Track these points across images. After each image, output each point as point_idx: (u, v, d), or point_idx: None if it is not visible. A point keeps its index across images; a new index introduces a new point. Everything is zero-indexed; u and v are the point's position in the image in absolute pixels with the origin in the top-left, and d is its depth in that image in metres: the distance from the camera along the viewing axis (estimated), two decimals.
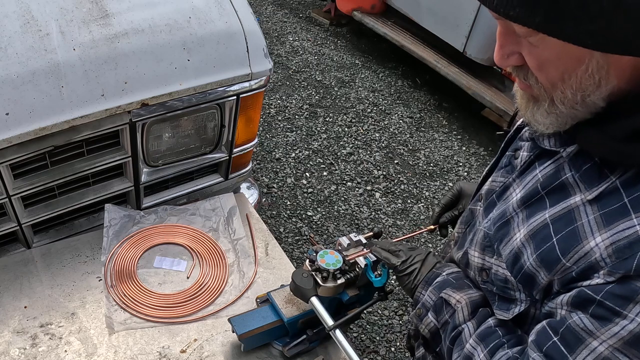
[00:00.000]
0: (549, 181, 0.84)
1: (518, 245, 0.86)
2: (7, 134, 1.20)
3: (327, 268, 1.19)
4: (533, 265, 0.82)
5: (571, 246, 0.77)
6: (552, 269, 0.79)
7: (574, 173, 0.80)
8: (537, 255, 0.82)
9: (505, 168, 0.97)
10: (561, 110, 0.77)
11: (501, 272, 0.90)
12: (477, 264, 0.97)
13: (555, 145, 0.83)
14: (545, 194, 0.84)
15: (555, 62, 0.72)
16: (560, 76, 0.74)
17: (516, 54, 0.77)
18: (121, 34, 1.32)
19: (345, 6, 4.86)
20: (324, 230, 3.08)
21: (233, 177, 1.80)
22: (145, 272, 1.45)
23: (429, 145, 3.88)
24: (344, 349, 1.11)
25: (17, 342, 1.24)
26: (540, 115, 0.80)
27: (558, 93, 0.75)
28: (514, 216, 0.88)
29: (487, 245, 0.94)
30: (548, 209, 0.82)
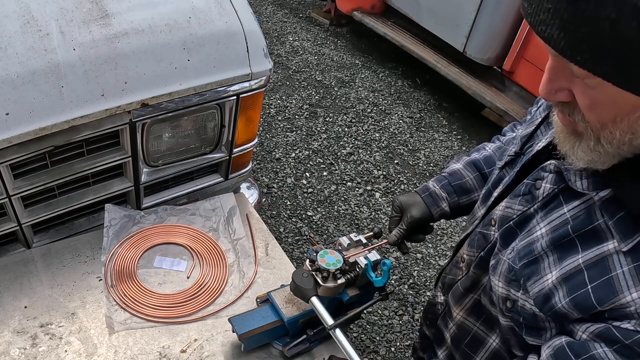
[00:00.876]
0: (581, 225, 0.82)
1: (549, 287, 0.85)
2: (7, 134, 1.20)
3: (328, 268, 1.19)
4: (565, 307, 0.82)
5: (607, 297, 0.76)
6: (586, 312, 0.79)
7: (607, 220, 0.79)
8: (571, 299, 0.81)
9: (524, 196, 0.95)
10: (606, 150, 0.75)
11: (528, 307, 0.89)
12: (501, 293, 0.95)
13: (588, 188, 0.82)
14: (576, 237, 0.83)
15: (610, 105, 0.70)
16: (612, 118, 0.71)
17: (566, 90, 0.75)
18: (121, 34, 1.32)
19: (345, 6, 4.86)
20: (324, 230, 3.08)
21: (233, 177, 1.80)
22: (146, 272, 1.45)
23: (429, 145, 3.88)
24: (344, 348, 1.11)
25: (17, 342, 1.24)
26: (582, 152, 0.78)
27: (606, 133, 0.73)
28: (542, 255, 0.87)
29: (513, 279, 0.92)
30: (580, 254, 0.81)
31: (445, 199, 1.29)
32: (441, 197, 1.29)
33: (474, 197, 1.30)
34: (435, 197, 1.29)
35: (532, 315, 0.89)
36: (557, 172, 0.89)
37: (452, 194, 1.29)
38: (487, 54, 3.86)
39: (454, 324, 1.15)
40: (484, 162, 1.31)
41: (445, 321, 1.19)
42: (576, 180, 0.83)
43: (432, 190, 1.30)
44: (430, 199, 1.29)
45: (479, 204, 1.16)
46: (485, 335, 1.07)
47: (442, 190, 1.29)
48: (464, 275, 1.11)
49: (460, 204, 1.30)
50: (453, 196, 1.29)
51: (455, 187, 1.29)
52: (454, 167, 1.33)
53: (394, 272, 2.91)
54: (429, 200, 1.28)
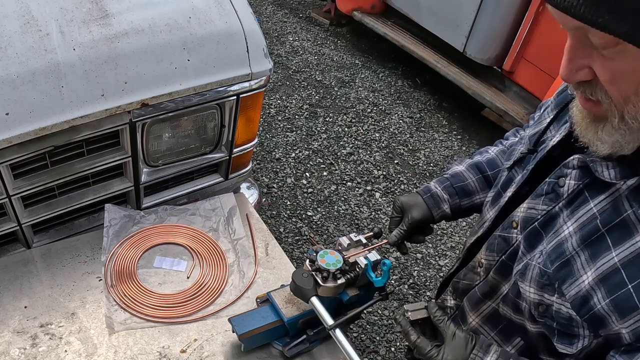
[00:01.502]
0: (609, 218, 0.82)
1: (587, 289, 0.83)
2: (7, 134, 1.19)
3: (327, 268, 1.19)
4: (605, 309, 0.81)
5: None
6: (627, 315, 0.78)
7: (636, 209, 0.78)
8: (611, 300, 0.80)
9: (547, 195, 0.93)
10: (631, 126, 0.75)
11: (564, 310, 0.88)
12: (533, 299, 0.93)
13: (616, 177, 0.81)
14: (606, 231, 0.82)
15: (631, 75, 0.71)
16: (634, 90, 0.72)
17: (586, 68, 0.75)
18: (121, 34, 1.32)
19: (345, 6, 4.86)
20: (324, 230, 3.08)
21: (233, 177, 1.80)
22: (145, 272, 1.45)
23: (429, 145, 3.88)
24: (344, 348, 1.11)
25: (17, 342, 1.24)
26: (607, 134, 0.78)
27: (630, 107, 0.73)
28: (574, 256, 0.86)
29: (547, 284, 0.90)
30: (613, 250, 0.81)
31: (446, 200, 1.28)
32: (443, 199, 1.28)
33: (475, 200, 1.29)
34: (436, 199, 1.28)
35: (567, 320, 0.87)
36: (580, 167, 0.88)
37: (453, 195, 1.28)
38: (487, 54, 3.86)
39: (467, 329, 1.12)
40: (487, 164, 1.30)
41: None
42: (603, 170, 0.82)
43: (434, 191, 1.29)
44: (432, 200, 1.28)
45: (488, 207, 1.14)
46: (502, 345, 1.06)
47: (443, 192, 1.29)
48: (481, 281, 1.09)
49: (461, 206, 1.30)
50: (455, 198, 1.29)
51: (457, 188, 1.29)
52: (456, 169, 1.32)
53: (394, 272, 2.91)
54: (430, 202, 1.28)
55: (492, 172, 1.29)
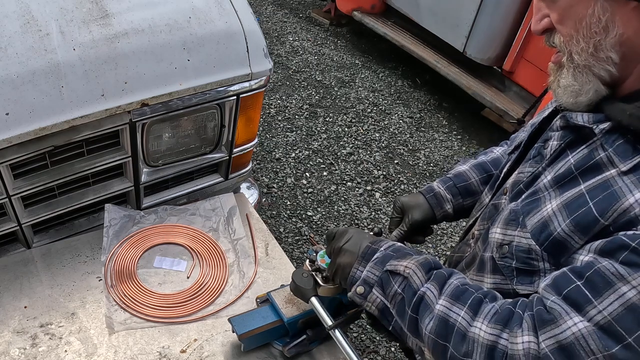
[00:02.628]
0: (583, 162, 0.85)
1: (548, 214, 0.86)
2: (7, 134, 1.19)
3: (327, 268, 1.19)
4: (565, 231, 0.83)
5: (609, 205, 0.78)
6: (589, 231, 0.80)
7: (608, 149, 0.82)
8: (571, 220, 0.82)
9: (534, 159, 0.97)
10: (577, 63, 0.82)
11: (524, 242, 0.89)
12: (496, 239, 0.95)
13: (589, 121, 0.85)
14: (578, 174, 0.85)
15: (569, 11, 0.80)
16: (574, 25, 0.80)
17: (546, 17, 0.85)
18: (121, 34, 1.32)
19: (345, 6, 4.86)
20: (324, 230, 3.08)
21: (233, 177, 1.80)
22: (145, 272, 1.45)
23: (429, 145, 3.88)
24: (344, 348, 1.11)
25: (17, 342, 1.24)
26: (563, 78, 0.85)
27: (574, 44, 0.81)
28: (545, 194, 0.89)
29: (512, 219, 0.93)
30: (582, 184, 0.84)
31: (449, 200, 1.28)
32: (445, 199, 1.28)
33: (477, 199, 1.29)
34: (439, 199, 1.28)
35: (526, 252, 0.89)
36: (563, 127, 0.92)
37: (456, 195, 1.29)
38: (487, 54, 3.86)
39: None
40: (491, 164, 1.30)
41: None
42: (577, 116, 0.87)
43: (437, 191, 1.29)
44: (435, 200, 1.28)
45: (486, 192, 1.16)
46: None
47: (446, 192, 1.29)
48: (470, 252, 1.10)
49: (464, 206, 1.30)
50: (458, 198, 1.29)
51: (460, 188, 1.29)
52: (460, 169, 1.32)
53: None
54: (433, 201, 1.28)
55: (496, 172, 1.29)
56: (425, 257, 0.98)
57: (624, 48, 0.78)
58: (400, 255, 0.98)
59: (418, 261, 0.96)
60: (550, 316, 0.79)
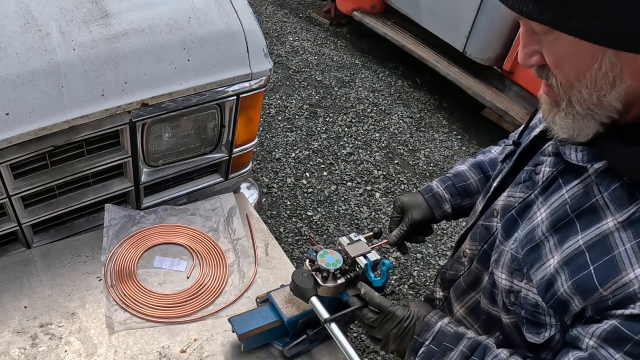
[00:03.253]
0: (579, 203, 0.82)
1: (552, 272, 0.84)
2: (7, 134, 1.20)
3: (327, 268, 1.19)
4: (567, 292, 0.81)
5: (609, 276, 0.76)
6: (588, 297, 0.79)
7: (603, 192, 0.79)
8: (573, 282, 0.80)
9: (524, 183, 0.95)
10: (578, 111, 0.78)
11: (531, 296, 0.88)
12: (504, 286, 0.94)
13: (583, 160, 0.82)
14: (575, 216, 0.83)
15: (570, 59, 0.74)
16: (575, 75, 0.75)
17: (537, 53, 0.78)
18: (121, 34, 1.32)
19: (345, 6, 4.86)
20: (324, 230, 3.08)
21: (233, 177, 1.80)
22: (145, 272, 1.45)
23: (429, 145, 3.88)
24: (340, 342, 1.11)
25: (17, 342, 1.24)
26: (559, 118, 0.81)
27: (575, 92, 0.76)
28: (543, 240, 0.87)
29: (516, 269, 0.91)
30: (580, 234, 0.81)
31: (448, 200, 1.29)
32: (444, 199, 1.29)
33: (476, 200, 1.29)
34: (438, 199, 1.29)
35: (534, 306, 0.88)
36: (555, 153, 0.89)
37: (455, 195, 1.29)
38: (487, 54, 3.86)
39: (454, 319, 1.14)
40: (489, 164, 1.31)
41: None
42: (571, 153, 0.84)
43: (436, 191, 1.29)
44: (434, 200, 1.28)
45: (480, 199, 1.16)
46: None
47: (445, 192, 1.29)
48: (466, 271, 1.10)
49: (462, 206, 1.30)
50: (456, 198, 1.29)
51: (459, 188, 1.29)
52: (459, 169, 1.33)
53: (394, 272, 2.91)
54: (432, 202, 1.28)
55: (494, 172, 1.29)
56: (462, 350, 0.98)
57: (630, 97, 0.75)
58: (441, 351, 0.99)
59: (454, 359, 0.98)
60: None
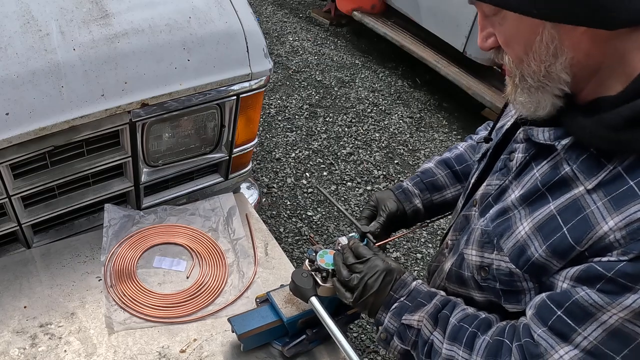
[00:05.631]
0: (548, 177, 0.85)
1: (523, 238, 0.86)
2: (7, 134, 1.20)
3: (327, 268, 1.19)
4: (543, 257, 0.83)
5: (584, 233, 0.78)
6: (566, 257, 0.80)
7: (572, 165, 0.81)
8: (547, 246, 0.82)
9: (500, 171, 0.98)
10: (530, 84, 0.81)
11: (504, 265, 0.90)
12: (474, 262, 0.97)
13: (550, 138, 0.84)
14: (545, 190, 0.85)
15: (516, 36, 0.78)
16: (523, 49, 0.78)
17: (492, 36, 0.83)
18: (121, 34, 1.32)
19: (345, 6, 4.86)
20: (324, 230, 3.08)
21: (233, 177, 1.80)
22: (145, 272, 1.45)
23: (429, 145, 3.88)
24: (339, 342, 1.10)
25: (16, 342, 1.24)
26: (518, 94, 0.84)
27: (525, 67, 0.80)
28: (514, 212, 0.89)
29: (486, 241, 0.94)
30: (551, 202, 0.83)
31: (417, 195, 1.31)
32: (414, 194, 1.31)
33: (446, 195, 1.32)
34: (408, 194, 1.31)
35: (508, 275, 0.90)
36: (526, 140, 0.92)
37: (424, 190, 1.32)
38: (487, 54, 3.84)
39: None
40: (455, 160, 1.33)
41: None
42: (539, 133, 0.87)
43: (405, 187, 1.32)
44: (403, 195, 1.31)
45: (460, 198, 1.18)
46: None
47: (414, 187, 1.32)
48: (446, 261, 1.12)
49: (433, 202, 1.32)
50: (425, 193, 1.32)
51: (427, 184, 1.32)
52: (426, 166, 1.36)
53: None
54: (402, 197, 1.31)
55: (460, 167, 1.32)
56: (435, 303, 1.01)
57: (575, 69, 0.77)
58: (415, 306, 1.02)
59: (428, 312, 1.00)
60: (538, 350, 0.82)
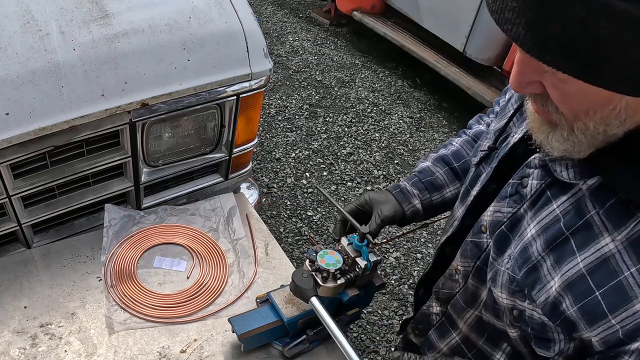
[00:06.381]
0: (572, 220, 0.80)
1: (555, 295, 0.82)
2: (7, 134, 1.19)
3: (327, 268, 1.19)
4: (574, 315, 0.79)
5: (620, 304, 0.73)
6: (596, 323, 0.77)
7: (598, 209, 0.76)
8: (579, 307, 0.78)
9: (511, 197, 0.92)
10: (580, 140, 0.74)
11: (537, 316, 0.86)
12: (506, 305, 0.92)
13: (575, 177, 0.79)
14: (570, 234, 0.80)
15: (582, 98, 0.69)
16: (584, 110, 0.70)
17: (536, 82, 0.73)
18: (121, 34, 1.32)
19: (345, 6, 4.87)
20: (324, 230, 3.08)
21: (233, 177, 1.80)
22: (145, 272, 1.45)
23: (429, 145, 3.88)
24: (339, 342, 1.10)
25: (17, 342, 1.24)
26: (557, 141, 0.77)
27: (580, 124, 0.72)
28: (540, 261, 0.84)
29: (517, 290, 0.89)
30: (578, 255, 0.79)
31: (417, 195, 1.27)
32: (413, 194, 1.27)
33: (446, 194, 1.28)
34: (406, 194, 1.27)
35: (541, 325, 0.86)
36: (542, 166, 0.86)
37: (423, 190, 1.27)
38: (487, 54, 3.87)
39: (458, 336, 1.12)
40: (452, 156, 1.29)
41: (443, 331, 1.16)
42: (562, 170, 0.81)
43: (404, 187, 1.28)
44: (402, 195, 1.26)
45: (457, 204, 1.13)
46: (491, 352, 1.05)
47: (413, 188, 1.27)
48: (461, 288, 1.08)
49: (432, 202, 1.28)
50: (425, 193, 1.27)
51: (426, 183, 1.27)
52: (423, 165, 1.31)
53: (394, 272, 2.91)
54: (400, 197, 1.26)
55: (458, 164, 1.28)
56: None
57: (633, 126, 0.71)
58: None
59: None
60: None
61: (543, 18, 0.60)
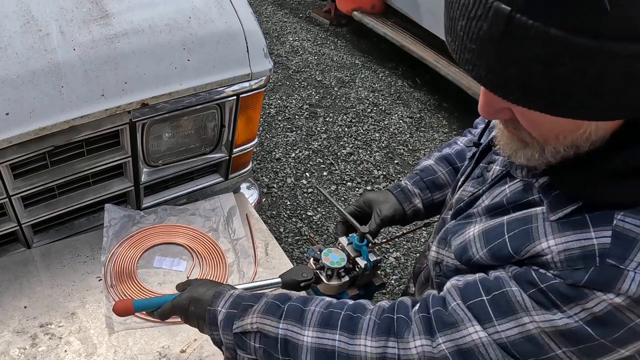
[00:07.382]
0: (517, 197, 0.84)
1: (469, 239, 0.87)
2: (7, 134, 1.19)
3: (332, 266, 1.19)
4: (483, 258, 0.84)
5: (522, 244, 0.76)
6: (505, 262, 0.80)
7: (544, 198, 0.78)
8: (488, 250, 0.82)
9: (477, 179, 0.97)
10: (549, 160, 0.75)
11: (451, 262, 0.92)
12: (432, 257, 0.98)
13: (528, 176, 0.83)
14: (510, 207, 0.84)
15: (551, 125, 0.69)
16: (554, 136, 0.71)
17: (505, 109, 0.72)
18: (121, 34, 1.32)
19: (345, 6, 4.86)
20: (324, 230, 3.08)
21: (233, 177, 1.80)
22: (145, 272, 1.45)
23: (429, 145, 3.88)
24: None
25: (17, 342, 1.24)
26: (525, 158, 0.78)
27: (550, 148, 0.73)
28: (476, 219, 0.90)
29: (443, 237, 0.95)
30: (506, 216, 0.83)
31: (418, 195, 1.26)
32: (414, 193, 1.26)
33: (447, 193, 1.27)
34: (407, 193, 1.26)
35: (454, 271, 0.90)
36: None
37: (424, 189, 1.27)
38: None
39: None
40: (456, 156, 1.29)
41: None
42: (516, 169, 0.85)
43: (404, 186, 1.27)
44: (403, 195, 1.26)
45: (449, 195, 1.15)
46: None
47: (414, 187, 1.27)
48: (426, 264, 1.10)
49: (434, 201, 1.28)
50: (426, 192, 1.27)
51: (427, 182, 1.27)
52: (425, 164, 1.30)
53: (394, 272, 2.91)
54: (401, 196, 1.26)
55: (462, 164, 1.27)
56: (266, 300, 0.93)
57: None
58: (241, 310, 0.93)
59: (260, 310, 0.91)
60: (451, 319, 0.79)
61: (502, 61, 0.59)
